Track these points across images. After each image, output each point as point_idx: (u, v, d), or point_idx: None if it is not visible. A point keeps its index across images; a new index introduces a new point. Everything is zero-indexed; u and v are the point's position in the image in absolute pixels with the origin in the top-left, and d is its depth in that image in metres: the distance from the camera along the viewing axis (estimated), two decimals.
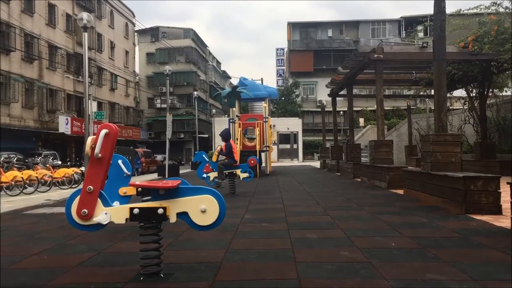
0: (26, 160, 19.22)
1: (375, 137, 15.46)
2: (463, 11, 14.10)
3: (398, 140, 24.40)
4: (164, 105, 49.32)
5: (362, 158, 17.62)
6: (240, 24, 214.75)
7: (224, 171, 10.61)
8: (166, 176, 17.58)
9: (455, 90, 17.37)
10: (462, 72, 13.85)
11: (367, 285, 3.36)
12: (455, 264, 3.84)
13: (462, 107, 18.34)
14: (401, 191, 9.94)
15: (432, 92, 13.87)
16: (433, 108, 13.33)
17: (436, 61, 8.35)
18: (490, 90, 15.68)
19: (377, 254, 4.23)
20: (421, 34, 45.84)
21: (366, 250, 4.42)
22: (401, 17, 52.58)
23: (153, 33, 55.78)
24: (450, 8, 11.26)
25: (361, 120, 43.01)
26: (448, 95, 13.16)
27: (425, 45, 12.53)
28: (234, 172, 10.68)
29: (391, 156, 12.41)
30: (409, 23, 51.19)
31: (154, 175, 23.18)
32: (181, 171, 22.41)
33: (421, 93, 20.59)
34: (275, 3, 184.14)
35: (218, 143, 38.53)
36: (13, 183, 13.27)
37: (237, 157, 10.92)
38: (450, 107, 18.07)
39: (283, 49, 58.59)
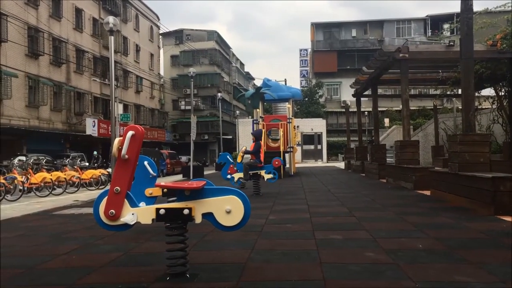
0: (55, 162, 19.62)
1: (400, 137, 15.27)
2: (491, 9, 13.81)
3: (424, 140, 24.03)
4: (188, 107, 49.75)
5: (387, 159, 17.42)
6: (262, 25, 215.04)
7: (249, 172, 10.63)
8: (191, 177, 17.72)
9: (483, 89, 17.00)
10: (490, 70, 13.55)
11: (393, 286, 3.32)
12: (483, 266, 3.76)
13: (490, 106, 17.93)
14: (427, 192, 9.79)
15: (459, 91, 13.61)
16: (460, 107, 13.09)
17: (463, 60, 8.20)
18: None
19: (403, 256, 4.19)
20: (447, 33, 45.04)
21: (392, 251, 4.37)
22: (427, 16, 51.74)
23: (177, 35, 56.30)
24: (477, 7, 11.06)
25: (386, 121, 42.46)
26: (476, 94, 12.92)
27: (451, 43, 12.32)
28: (259, 173, 10.70)
29: (417, 156, 12.24)
30: (435, 22, 50.36)
31: (179, 177, 23.39)
32: (205, 172, 22.56)
33: (448, 93, 20.22)
34: (296, 2, 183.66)
35: (242, 144, 38.65)
36: (42, 184, 13.56)
37: (262, 158, 10.93)
38: (478, 107, 17.69)
39: (306, 49, 58.40)
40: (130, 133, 3.56)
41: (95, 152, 20.37)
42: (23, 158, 17.52)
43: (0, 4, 23.81)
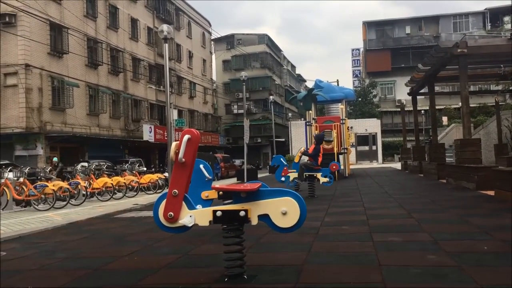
0: (115, 167, 20.34)
1: (460, 136, 14.70)
2: None
3: (486, 138, 22.97)
4: (241, 111, 50.22)
5: (446, 159, 16.81)
6: (311, 27, 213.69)
7: (305, 173, 10.54)
8: (245, 180, 17.84)
9: None
10: None
11: None
12: None
13: None
14: (491, 193, 9.35)
15: None
16: None
17: None
18: None
19: (467, 258, 4.01)
20: (508, 26, 42.92)
21: (455, 254, 4.20)
22: (486, 9, 49.56)
23: (229, 40, 57.05)
24: None
25: (444, 119, 40.98)
26: None
27: None
28: (315, 175, 10.60)
29: (479, 155, 11.72)
30: (495, 15, 48.15)
31: (233, 180, 23.63)
32: (259, 175, 22.66)
33: (511, 88, 19.26)
34: (345, 4, 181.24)
35: (295, 146, 38.54)
36: (103, 189, 14.08)
37: (320, 161, 10.84)
38: None
39: (358, 49, 57.48)
40: (186, 137, 3.63)
41: (55, 158, 19.76)
42: (86, 164, 18.28)
43: (63, 17, 25.05)
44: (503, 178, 8.64)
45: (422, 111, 38.58)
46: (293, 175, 10.82)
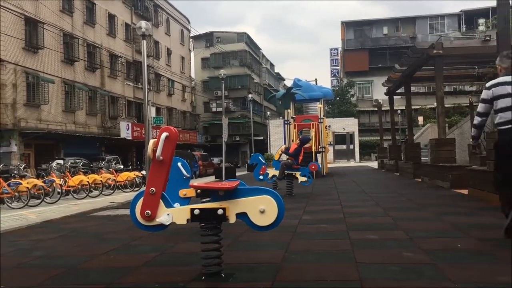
0: (91, 165, 20.07)
1: (435, 135, 14.95)
2: None
3: (461, 138, 23.40)
4: (219, 109, 50.07)
5: (422, 158, 17.08)
6: (291, 25, 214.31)
7: (285, 171, 10.60)
8: (223, 178, 17.81)
9: None
10: None
11: (432, 287, 3.25)
12: None
13: None
14: (465, 191, 9.54)
15: None
16: None
17: None
18: None
19: (442, 256, 4.08)
20: (482, 28, 43.82)
21: (431, 251, 4.27)
22: (461, 11, 50.50)
23: (208, 38, 56.82)
24: None
25: (420, 119, 41.64)
26: None
27: (488, 38, 11.98)
28: (293, 174, 10.66)
29: (453, 154, 11.95)
30: (470, 17, 49.10)
31: (212, 178, 23.57)
32: (237, 174, 22.65)
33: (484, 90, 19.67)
34: (325, 3, 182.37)
35: (274, 145, 38.65)
36: (79, 187, 13.90)
37: (300, 161, 10.91)
38: None
39: (337, 49, 57.94)
40: (164, 134, 3.60)
41: None
42: (61, 161, 17.99)
43: (38, 12, 24.58)
44: (477, 177, 8.83)
45: (399, 110, 39.09)
46: (272, 172, 10.86)
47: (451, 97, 37.63)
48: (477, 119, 5.01)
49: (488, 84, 4.91)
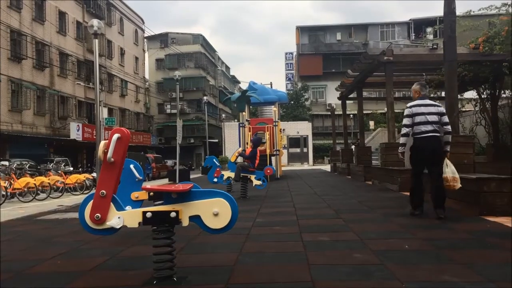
0: (39, 167, 19.38)
1: (385, 139, 15.37)
2: (474, 12, 14.01)
3: (410, 142, 24.21)
4: (174, 111, 49.56)
5: (373, 161, 17.53)
6: (246, 28, 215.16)
7: (241, 174, 10.60)
8: (177, 181, 17.61)
9: (466, 91, 17.22)
10: (473, 73, 13.73)
11: (381, 287, 3.33)
12: (470, 266, 3.80)
13: (473, 109, 18.16)
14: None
15: (443, 94, 13.77)
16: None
17: (446, 62, 8.30)
18: (502, 91, 15.53)
19: (391, 256, 4.20)
20: (430, 36, 45.58)
21: (380, 252, 4.38)
22: (410, 20, 52.32)
23: (162, 39, 56.18)
24: (460, 9, 11.17)
25: (371, 123, 42.81)
26: (459, 96, 13.08)
27: (435, 46, 12.46)
28: (248, 176, 10.68)
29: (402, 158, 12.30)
30: (418, 26, 50.96)
31: (165, 180, 23.25)
32: (191, 176, 22.46)
33: (432, 95, 20.44)
34: (280, 7, 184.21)
35: (228, 147, 38.59)
36: (26, 189, 13.39)
37: (256, 164, 10.92)
38: (461, 109, 17.89)
39: (292, 53, 58.65)
40: (115, 135, 3.52)
41: None
42: (6, 163, 17.26)
43: None
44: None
45: (351, 115, 40.01)
46: (227, 174, 10.84)
47: (401, 102, 38.91)
48: (404, 130, 6.62)
49: (408, 105, 6.64)
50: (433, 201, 6.37)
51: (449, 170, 6.22)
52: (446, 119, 6.47)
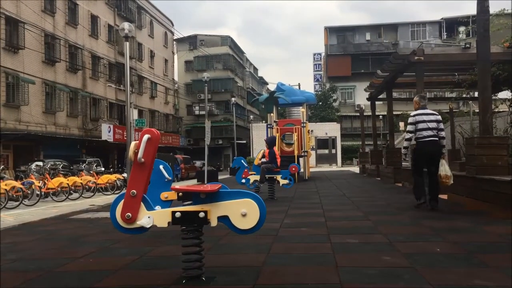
0: (71, 167, 19.84)
1: None
2: (508, 10, 13.66)
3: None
4: (202, 112, 49.96)
5: (403, 163, 17.26)
6: (273, 30, 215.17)
7: (266, 175, 10.57)
8: (205, 181, 17.75)
9: (500, 91, 16.76)
10: (507, 73, 13.36)
11: None
12: (502, 270, 3.70)
13: (508, 109, 17.67)
14: (444, 196, 9.65)
15: (476, 94, 13.46)
16: (476, 110, 12.94)
17: (480, 62, 8.11)
18: None
19: (420, 260, 4.14)
20: (463, 36, 44.59)
21: (409, 255, 4.32)
22: (442, 19, 51.36)
23: (191, 41, 56.71)
24: (493, 8, 10.90)
25: (401, 124, 42.09)
26: (493, 97, 12.75)
27: (467, 46, 12.18)
28: (275, 177, 10.64)
29: None
30: (450, 25, 49.96)
31: (194, 181, 23.46)
32: (219, 177, 22.59)
33: (464, 95, 20.00)
34: (306, 8, 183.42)
35: (256, 149, 38.64)
36: (59, 189, 13.72)
37: (279, 163, 10.87)
38: (495, 110, 17.41)
39: (320, 54, 58.34)
40: (146, 136, 3.58)
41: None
42: (40, 163, 17.75)
43: (19, 12, 24.23)
44: (455, 182, 8.96)
45: (380, 116, 39.53)
46: (253, 177, 10.82)
47: (432, 103, 38.20)
48: (408, 135, 7.73)
49: (412, 114, 7.77)
50: (428, 194, 7.61)
51: (443, 169, 7.41)
52: (441, 126, 7.62)
